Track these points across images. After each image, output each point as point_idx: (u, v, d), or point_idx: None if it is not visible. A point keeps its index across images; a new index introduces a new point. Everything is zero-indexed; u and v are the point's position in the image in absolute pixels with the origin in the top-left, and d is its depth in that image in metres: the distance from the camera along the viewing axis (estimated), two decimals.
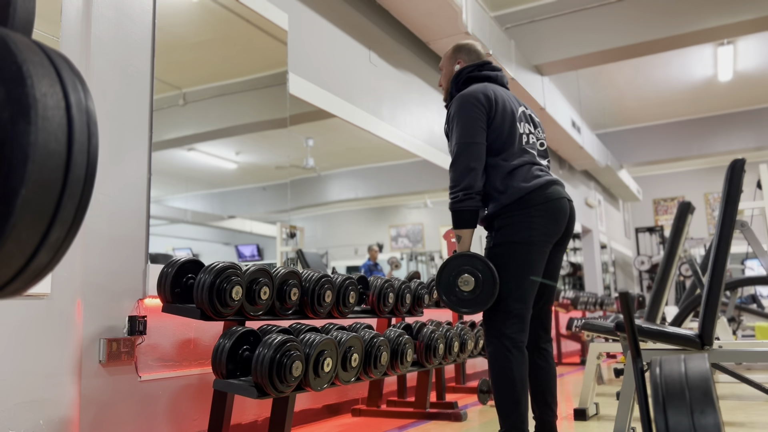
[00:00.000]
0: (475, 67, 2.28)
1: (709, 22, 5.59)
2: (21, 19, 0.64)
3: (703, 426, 0.97)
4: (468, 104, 2.12)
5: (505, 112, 2.14)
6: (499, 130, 2.12)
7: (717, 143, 10.30)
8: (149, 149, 2.47)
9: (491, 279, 2.01)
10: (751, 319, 5.86)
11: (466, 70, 2.28)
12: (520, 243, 2.05)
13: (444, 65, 2.39)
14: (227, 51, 3.14)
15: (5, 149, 0.50)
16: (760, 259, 3.70)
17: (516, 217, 2.06)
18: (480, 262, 2.03)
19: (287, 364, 2.14)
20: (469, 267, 2.03)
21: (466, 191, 2.05)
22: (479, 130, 2.09)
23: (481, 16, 5.06)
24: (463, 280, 2.02)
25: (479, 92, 2.14)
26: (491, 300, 2.00)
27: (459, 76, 2.28)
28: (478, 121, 2.10)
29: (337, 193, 5.39)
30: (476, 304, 2.02)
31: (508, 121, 2.14)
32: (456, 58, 2.34)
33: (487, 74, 2.27)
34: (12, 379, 1.93)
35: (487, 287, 2.01)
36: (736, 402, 3.49)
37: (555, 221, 2.10)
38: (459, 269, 2.04)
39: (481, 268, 2.02)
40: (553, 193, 2.11)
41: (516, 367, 1.99)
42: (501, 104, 2.15)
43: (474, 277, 2.02)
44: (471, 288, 2.01)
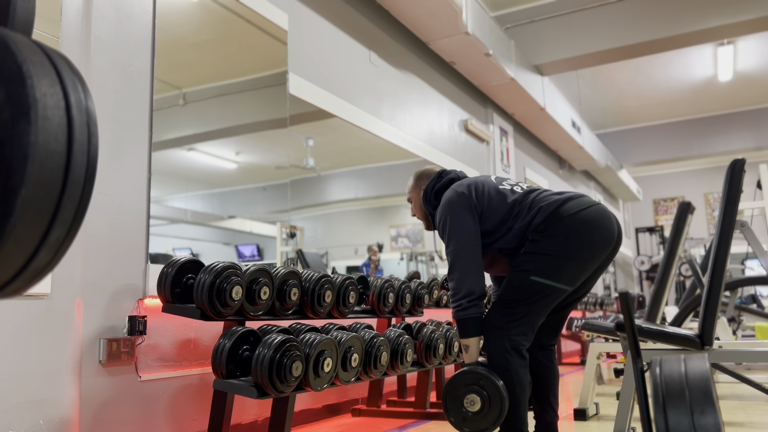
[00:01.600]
0: (434, 180, 2.30)
1: (709, 22, 5.59)
2: (21, 19, 0.64)
3: (703, 426, 0.97)
4: (449, 209, 2.11)
5: (485, 191, 2.14)
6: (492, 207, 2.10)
7: (717, 143, 10.30)
8: (149, 149, 2.47)
9: (498, 398, 1.94)
10: (751, 319, 5.86)
11: (429, 186, 2.29)
12: (553, 255, 2.00)
13: (412, 197, 2.41)
14: (227, 51, 3.14)
15: (5, 149, 0.50)
16: (760, 259, 3.70)
17: (551, 230, 2.01)
18: (486, 379, 1.96)
19: (287, 364, 2.14)
20: (476, 386, 1.97)
21: (469, 298, 2.01)
22: (468, 231, 2.07)
23: (481, 16, 5.06)
24: (469, 400, 1.97)
25: (453, 194, 2.14)
26: (499, 420, 1.95)
27: (427, 196, 2.30)
28: (465, 221, 2.08)
29: (337, 193, 5.39)
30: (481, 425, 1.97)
31: (494, 193, 2.13)
32: (420, 186, 2.37)
33: (449, 178, 2.29)
34: (12, 379, 1.93)
35: (494, 407, 1.95)
36: (736, 402, 3.49)
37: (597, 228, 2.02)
38: (465, 388, 1.98)
39: (487, 386, 1.96)
40: (583, 203, 2.05)
41: (515, 370, 1.98)
42: (477, 188, 2.14)
43: (480, 396, 1.96)
44: (477, 408, 1.96)
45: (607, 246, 2.04)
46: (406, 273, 5.17)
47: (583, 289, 2.15)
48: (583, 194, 2.10)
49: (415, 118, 4.84)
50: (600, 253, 2.03)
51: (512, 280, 2.04)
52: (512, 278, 2.05)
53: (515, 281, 2.03)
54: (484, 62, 5.32)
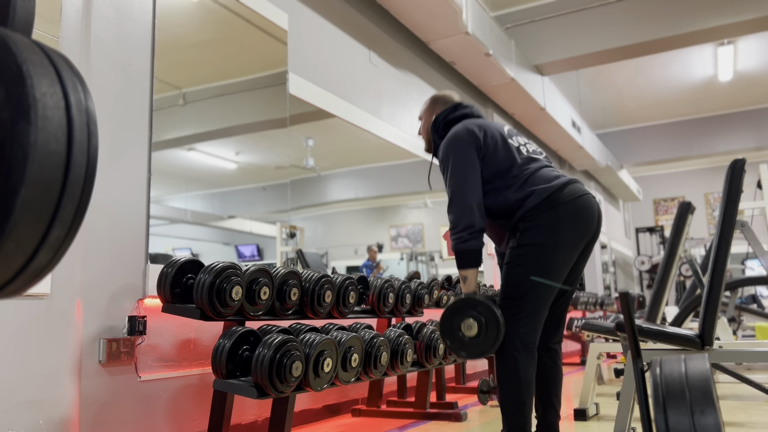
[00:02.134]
0: (448, 110, 2.29)
1: (709, 22, 5.59)
2: (21, 19, 0.64)
3: (703, 426, 0.97)
4: (455, 144, 2.12)
5: (494, 137, 2.14)
6: (495, 155, 2.11)
7: (717, 143, 10.30)
8: (149, 149, 2.47)
9: (495, 324, 1.96)
10: (751, 319, 5.86)
11: (441, 115, 2.29)
12: (546, 246, 2.02)
13: (423, 116, 2.41)
14: (227, 51, 3.14)
15: (5, 149, 0.50)
16: (760, 259, 3.70)
17: (543, 219, 2.02)
18: (484, 306, 1.98)
19: (287, 364, 2.14)
20: (473, 311, 1.98)
21: (469, 230, 2.02)
22: (471, 168, 2.08)
23: (481, 16, 5.06)
24: (466, 324, 1.98)
25: (463, 130, 2.14)
26: (495, 345, 1.96)
27: (437, 124, 2.30)
28: (469, 158, 2.09)
29: (337, 193, 5.39)
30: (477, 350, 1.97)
31: (501, 143, 2.13)
32: (434, 109, 2.36)
33: (462, 113, 2.28)
34: (12, 379, 1.93)
35: (491, 332, 1.96)
36: (736, 402, 3.49)
37: (584, 220, 2.06)
38: (463, 313, 2.00)
39: (485, 312, 1.97)
40: (577, 191, 2.07)
41: (523, 368, 1.98)
42: (488, 132, 2.15)
43: (477, 321, 1.97)
44: (474, 333, 1.97)
45: (587, 235, 2.09)
46: (406, 273, 5.17)
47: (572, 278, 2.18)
48: (575, 180, 2.12)
49: (415, 118, 4.84)
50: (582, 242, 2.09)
51: (511, 276, 2.05)
52: (511, 275, 2.06)
53: (515, 278, 2.05)
54: (484, 62, 5.32)
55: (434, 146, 2.32)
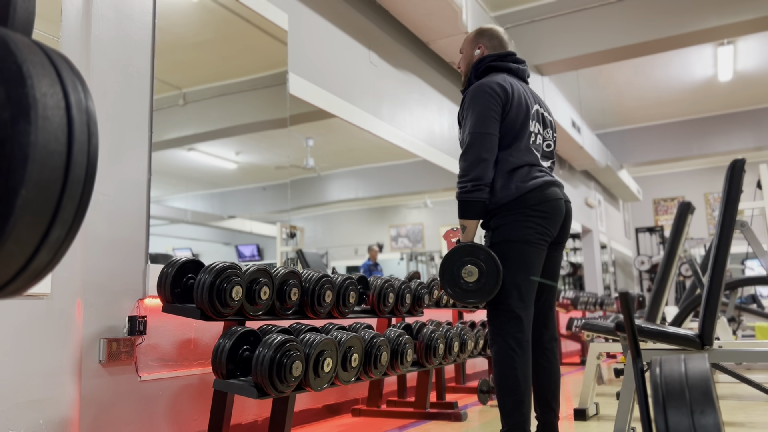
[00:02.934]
0: (497, 57, 2.25)
1: (709, 22, 5.59)
2: (21, 19, 0.64)
3: (703, 426, 0.97)
4: (485, 94, 2.10)
5: (519, 108, 2.14)
6: (511, 125, 2.12)
7: (717, 143, 10.30)
8: (149, 149, 2.47)
9: (494, 267, 2.01)
10: (751, 319, 5.86)
11: (488, 58, 2.25)
12: (516, 241, 2.06)
13: (464, 48, 2.36)
14: (227, 51, 3.14)
15: (5, 149, 0.50)
16: (760, 259, 3.70)
17: (512, 216, 2.07)
18: (482, 251, 2.02)
19: (287, 364, 2.14)
20: (471, 258, 2.02)
21: (475, 182, 2.04)
22: (493, 122, 2.08)
23: (481, 16, 5.06)
24: (467, 270, 2.02)
25: (497, 83, 2.13)
26: (496, 288, 2.00)
27: (480, 64, 2.25)
28: (493, 113, 2.09)
29: (337, 193, 5.39)
30: (482, 294, 2.02)
31: (521, 118, 2.14)
32: (477, 43, 2.32)
33: (508, 66, 2.25)
34: (12, 379, 1.93)
35: (491, 276, 2.00)
36: (736, 402, 3.49)
37: (551, 221, 2.11)
38: (462, 260, 2.03)
39: (483, 258, 2.02)
40: (550, 194, 2.11)
41: (520, 367, 1.98)
42: (517, 99, 2.14)
43: (477, 266, 2.01)
44: (475, 278, 2.01)
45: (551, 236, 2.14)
46: (406, 273, 5.17)
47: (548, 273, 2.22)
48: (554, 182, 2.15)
49: (415, 118, 4.84)
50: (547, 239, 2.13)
51: None
52: None
53: None
54: None
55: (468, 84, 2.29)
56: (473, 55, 2.31)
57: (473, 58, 2.31)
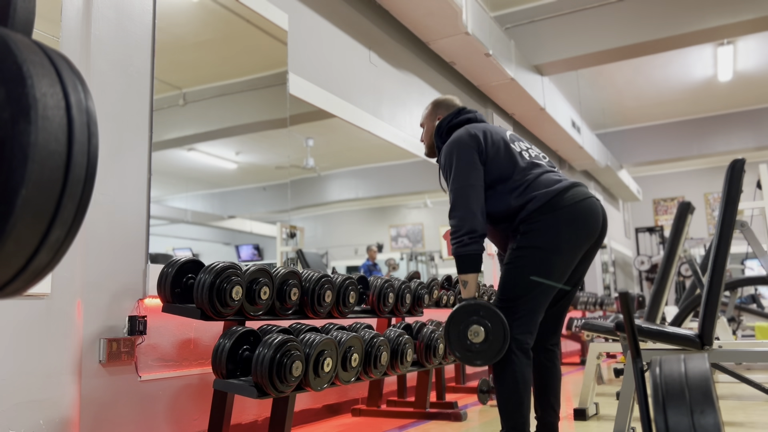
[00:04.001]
0: (452, 115, 2.30)
1: (709, 22, 5.59)
2: (21, 19, 0.64)
3: (703, 426, 0.97)
4: (457, 148, 2.11)
5: (495, 142, 2.14)
6: (496, 159, 2.10)
7: (717, 143, 10.30)
8: (149, 149, 2.47)
9: (500, 325, 1.95)
10: (751, 319, 5.86)
11: (445, 120, 2.30)
12: (544, 249, 2.01)
13: (425, 122, 2.42)
14: (227, 51, 3.14)
15: (5, 149, 0.50)
16: (760, 259, 3.70)
17: (543, 222, 2.01)
18: (486, 309, 1.97)
19: (287, 364, 2.14)
20: (476, 317, 1.97)
21: (470, 235, 2.01)
22: (474, 172, 2.07)
23: (481, 16, 5.06)
24: (473, 331, 1.96)
25: (465, 133, 2.14)
26: (505, 347, 1.95)
27: (440, 129, 2.30)
28: (472, 163, 2.08)
29: (337, 193, 5.39)
30: (490, 354, 1.96)
31: (503, 148, 2.13)
32: (436, 114, 2.38)
33: (465, 117, 2.29)
34: (12, 379, 1.93)
35: (498, 334, 1.95)
36: (736, 402, 3.49)
37: (585, 223, 2.04)
38: (467, 321, 1.98)
39: (488, 315, 1.96)
40: (579, 194, 2.06)
41: (519, 368, 1.98)
42: (489, 136, 2.14)
43: (483, 326, 1.96)
44: (482, 338, 1.96)
45: (590, 238, 2.08)
46: (406, 273, 5.17)
47: (573, 280, 2.17)
48: (578, 183, 2.11)
49: (415, 118, 4.84)
50: (585, 245, 2.07)
51: (509, 278, 2.05)
52: (509, 276, 2.06)
53: (513, 279, 2.04)
54: (484, 62, 5.32)
55: (438, 151, 2.32)
56: (434, 126, 2.36)
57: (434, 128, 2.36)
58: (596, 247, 2.14)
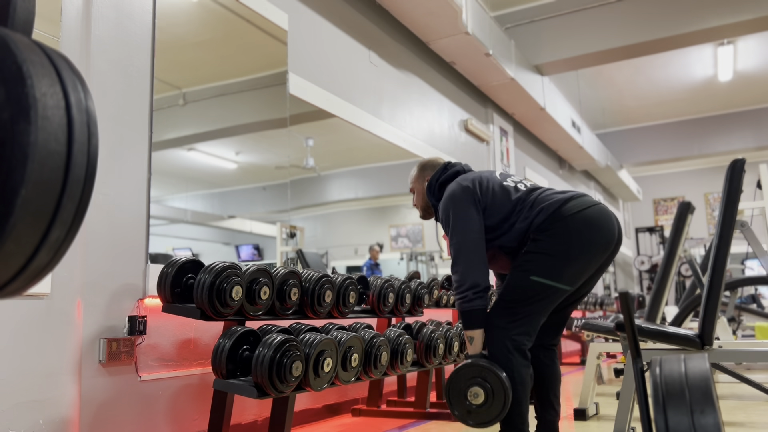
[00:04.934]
0: (439, 172, 2.30)
1: (709, 22, 5.59)
2: (21, 19, 0.64)
3: (703, 426, 0.97)
4: (452, 203, 2.11)
5: (489, 186, 2.13)
6: (494, 203, 2.10)
7: (717, 143, 10.30)
8: (149, 149, 2.47)
9: (501, 390, 1.93)
10: (751, 319, 5.86)
11: (434, 178, 2.30)
12: (554, 255, 1.99)
13: (414, 187, 2.41)
14: (227, 51, 3.14)
15: (5, 149, 0.50)
16: (760, 259, 3.70)
17: (553, 230, 2.00)
18: (489, 372, 1.95)
19: (287, 364, 2.14)
20: (479, 379, 1.96)
21: (474, 289, 2.00)
22: (472, 224, 2.06)
23: (481, 16, 5.06)
24: (473, 393, 1.96)
25: (458, 187, 2.14)
26: (503, 412, 1.93)
27: (431, 188, 2.30)
28: (469, 214, 2.07)
29: (337, 193, 5.39)
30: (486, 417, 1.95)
31: (498, 189, 2.13)
32: (424, 176, 2.37)
33: (454, 171, 2.29)
34: (12, 379, 1.93)
35: (498, 399, 1.94)
36: (736, 402, 3.49)
37: (597, 230, 2.01)
38: (468, 381, 1.98)
39: (490, 379, 1.95)
40: (585, 202, 2.05)
41: (517, 370, 1.98)
42: (482, 183, 2.14)
43: (483, 389, 1.95)
44: (482, 400, 1.95)
45: (608, 246, 2.03)
46: (406, 273, 5.16)
47: (584, 289, 2.15)
48: (584, 194, 2.09)
49: (415, 118, 4.84)
50: (600, 253, 2.03)
51: (514, 280, 2.05)
52: (514, 278, 2.05)
53: (517, 281, 2.03)
54: (484, 62, 5.32)
55: (434, 210, 2.31)
56: (424, 188, 2.36)
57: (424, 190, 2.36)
58: (612, 256, 2.10)
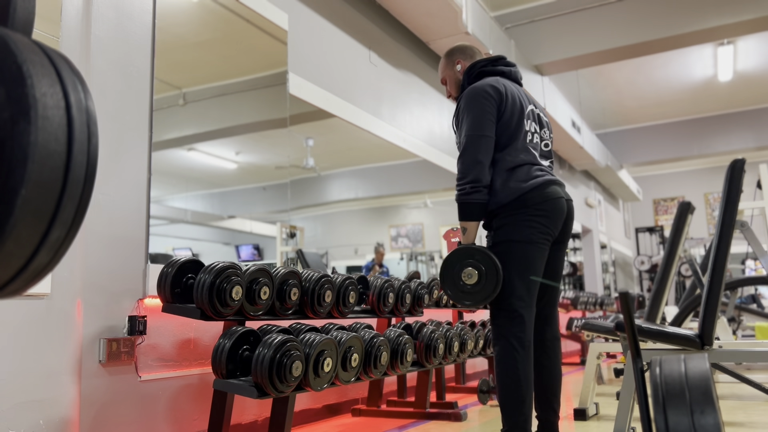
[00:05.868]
0: (488, 61, 2.28)
1: (709, 22, 5.59)
2: (21, 19, 0.64)
3: (703, 426, 0.97)
4: (478, 96, 2.12)
5: (514, 108, 2.15)
6: (506, 125, 2.13)
7: (717, 143, 10.29)
8: (149, 149, 2.47)
9: (494, 270, 2.02)
10: (751, 319, 5.86)
11: (480, 63, 2.27)
12: (519, 241, 2.07)
13: (445, 74, 2.39)
14: (227, 51, 3.14)
15: (5, 149, 0.50)
16: (760, 259, 3.70)
17: (514, 217, 2.08)
18: (482, 254, 2.04)
19: (287, 364, 2.14)
20: (471, 260, 2.04)
21: (474, 184, 2.05)
22: (489, 123, 2.10)
23: (481, 16, 5.06)
24: (467, 273, 2.03)
25: (489, 85, 2.15)
26: (495, 291, 2.02)
27: (472, 70, 2.27)
28: (488, 114, 2.10)
29: (337, 193, 5.39)
30: (480, 296, 2.03)
31: (516, 117, 2.14)
32: (454, 60, 2.35)
33: (501, 69, 2.28)
34: (12, 379, 1.93)
35: (491, 278, 2.02)
36: (736, 402, 3.49)
37: (552, 220, 2.11)
38: (462, 263, 2.05)
39: (483, 260, 2.03)
40: (551, 193, 2.12)
41: (522, 366, 1.99)
42: (511, 99, 2.15)
43: (477, 269, 2.03)
44: (475, 281, 2.02)
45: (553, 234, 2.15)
46: (406, 273, 5.16)
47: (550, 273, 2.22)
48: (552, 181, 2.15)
49: (415, 118, 4.84)
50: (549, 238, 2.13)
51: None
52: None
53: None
54: None
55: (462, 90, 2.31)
56: (457, 71, 2.34)
57: (458, 73, 2.34)
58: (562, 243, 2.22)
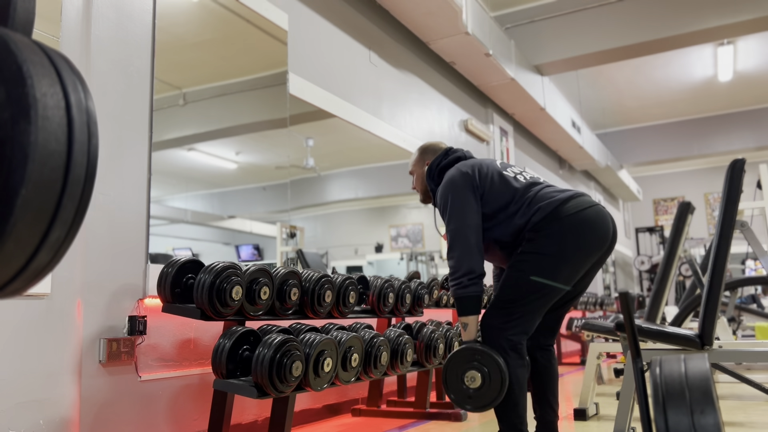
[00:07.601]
0: (440, 157, 2.30)
1: (709, 22, 5.59)
2: (21, 19, 0.64)
3: (703, 426, 0.97)
4: (452, 188, 2.11)
5: (489, 174, 2.13)
6: (493, 191, 2.10)
7: (717, 143, 10.29)
8: (149, 149, 2.47)
9: (498, 374, 1.94)
10: (751, 319, 5.86)
11: (434, 162, 2.29)
12: (549, 255, 1.99)
13: (414, 170, 2.41)
14: (227, 51, 3.14)
15: (5, 149, 0.50)
16: (760, 259, 3.70)
17: (548, 230, 2.00)
18: (486, 355, 1.96)
19: (287, 364, 2.14)
20: (475, 363, 1.97)
21: (469, 276, 2.01)
22: (469, 211, 2.06)
23: (481, 16, 5.06)
24: (470, 377, 1.96)
25: (457, 173, 2.14)
26: (500, 396, 1.94)
27: (431, 172, 2.29)
28: (467, 201, 2.07)
29: (337, 193, 5.39)
30: (483, 400, 1.96)
31: (496, 178, 2.12)
32: (424, 160, 2.37)
33: (454, 157, 2.29)
34: (12, 379, 1.93)
35: (495, 383, 1.94)
36: (736, 402, 3.49)
37: (592, 231, 2.01)
38: (465, 366, 1.98)
39: (487, 363, 1.95)
40: (584, 202, 2.05)
41: (513, 369, 1.98)
42: (481, 170, 2.14)
43: (480, 372, 1.95)
44: (478, 384, 1.95)
45: (601, 246, 2.04)
46: (406, 273, 5.16)
47: (579, 287, 2.15)
48: (582, 193, 2.10)
49: (415, 118, 4.84)
50: (594, 252, 2.04)
51: (509, 279, 2.05)
52: (509, 277, 2.05)
53: (512, 281, 2.04)
54: (484, 62, 5.32)
55: (433, 194, 2.31)
56: (424, 171, 2.36)
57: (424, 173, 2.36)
58: (606, 255, 2.11)
